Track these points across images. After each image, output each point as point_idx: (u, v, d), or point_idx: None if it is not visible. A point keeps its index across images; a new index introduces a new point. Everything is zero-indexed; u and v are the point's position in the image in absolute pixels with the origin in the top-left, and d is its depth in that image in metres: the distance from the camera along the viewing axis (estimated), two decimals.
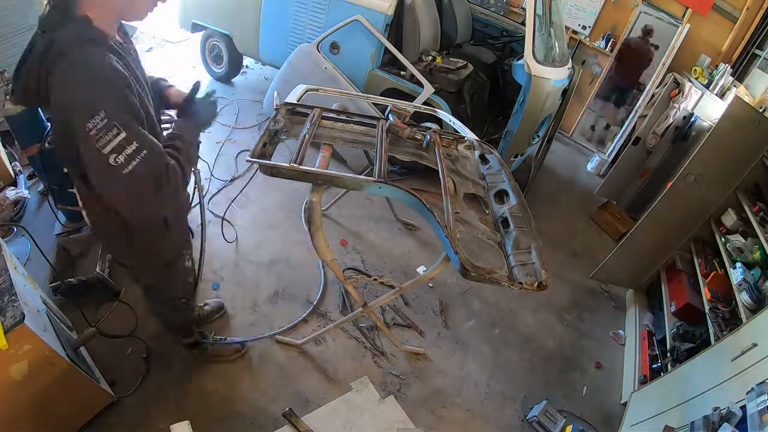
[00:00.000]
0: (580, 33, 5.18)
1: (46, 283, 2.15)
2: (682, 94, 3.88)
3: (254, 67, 5.10)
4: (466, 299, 2.90)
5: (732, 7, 4.47)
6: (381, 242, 3.15)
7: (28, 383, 1.43)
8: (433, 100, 3.38)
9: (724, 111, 2.74)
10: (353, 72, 3.59)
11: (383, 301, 2.16)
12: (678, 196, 2.79)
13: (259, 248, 2.82)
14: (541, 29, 3.28)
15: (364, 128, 2.01)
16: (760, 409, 1.49)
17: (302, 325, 2.45)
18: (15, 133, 2.33)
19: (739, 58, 4.50)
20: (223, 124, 3.99)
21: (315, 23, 3.69)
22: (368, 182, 1.61)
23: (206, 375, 2.10)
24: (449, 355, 2.53)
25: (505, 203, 1.74)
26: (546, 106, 3.39)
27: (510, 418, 2.32)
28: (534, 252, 1.51)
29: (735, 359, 1.81)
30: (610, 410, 2.50)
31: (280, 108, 1.94)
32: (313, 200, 1.66)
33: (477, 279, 1.41)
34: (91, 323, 2.07)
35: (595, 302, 3.26)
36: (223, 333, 2.29)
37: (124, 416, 1.86)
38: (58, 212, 2.54)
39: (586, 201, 4.42)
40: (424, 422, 2.17)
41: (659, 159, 3.95)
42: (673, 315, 2.66)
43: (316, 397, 2.14)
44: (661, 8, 4.82)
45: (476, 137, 2.14)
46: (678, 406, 1.96)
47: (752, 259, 2.40)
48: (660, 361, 2.54)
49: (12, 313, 1.33)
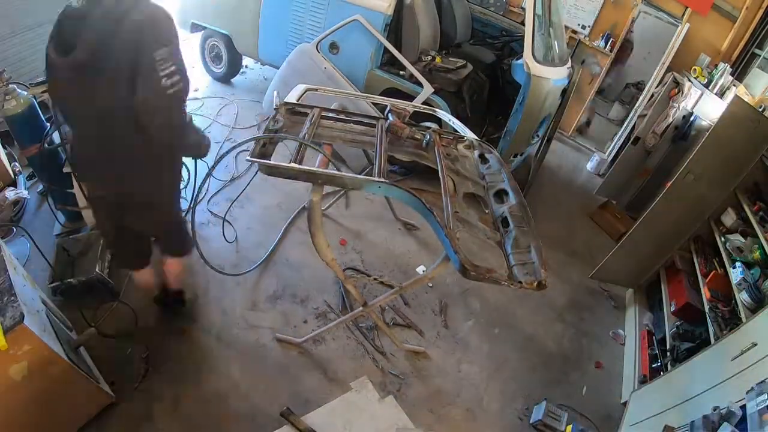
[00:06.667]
0: (580, 32, 5.18)
1: (46, 284, 2.15)
2: (681, 94, 3.88)
3: (254, 67, 5.10)
4: (465, 299, 2.90)
5: (731, 7, 4.48)
6: (381, 242, 3.14)
7: (27, 383, 1.43)
8: (432, 99, 3.38)
9: (724, 110, 2.74)
10: (353, 72, 3.59)
11: (383, 301, 2.16)
12: (677, 195, 2.79)
13: (259, 248, 2.82)
14: (541, 29, 3.29)
15: (364, 128, 2.01)
16: (759, 408, 1.49)
17: (302, 324, 2.45)
18: (15, 133, 2.33)
19: (739, 57, 4.51)
20: (222, 124, 3.99)
21: (314, 23, 3.69)
22: (368, 182, 1.61)
23: (206, 375, 2.10)
24: (449, 355, 2.53)
25: (505, 203, 1.74)
26: (545, 105, 3.39)
27: (510, 418, 2.32)
28: (533, 251, 1.51)
29: (735, 359, 1.81)
30: (610, 410, 2.50)
31: (280, 108, 1.94)
32: (313, 200, 1.66)
33: (477, 278, 1.41)
34: (90, 323, 2.07)
35: (595, 302, 3.26)
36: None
37: (124, 416, 1.86)
38: (58, 212, 2.55)
39: (586, 201, 4.42)
40: (424, 422, 2.17)
41: (659, 158, 3.96)
42: (673, 314, 2.66)
43: (316, 396, 2.14)
44: (660, 8, 4.83)
45: (476, 137, 2.14)
46: (678, 406, 1.96)
47: (752, 258, 2.40)
48: (660, 360, 2.54)
49: (11, 314, 1.33)
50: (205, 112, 4.10)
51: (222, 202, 3.08)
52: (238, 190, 3.03)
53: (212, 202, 3.08)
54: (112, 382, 1.92)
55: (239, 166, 3.43)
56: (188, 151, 1.75)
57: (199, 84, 4.56)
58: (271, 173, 1.58)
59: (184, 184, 2.46)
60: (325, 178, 1.61)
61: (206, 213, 2.97)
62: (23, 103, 2.18)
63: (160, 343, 2.15)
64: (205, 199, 3.03)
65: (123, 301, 2.25)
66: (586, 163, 5.19)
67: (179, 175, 1.83)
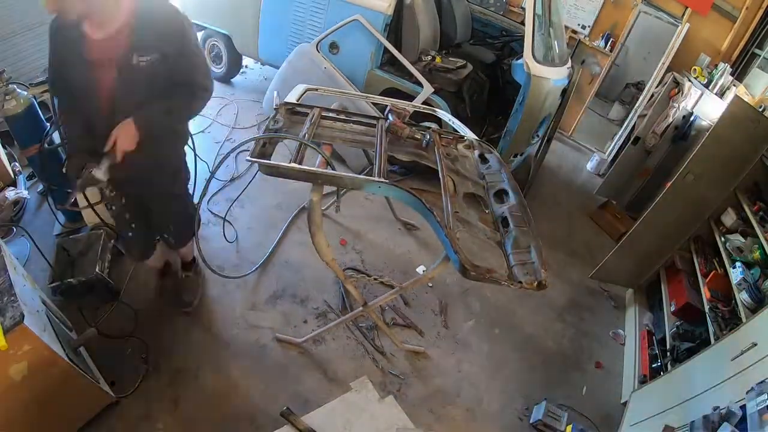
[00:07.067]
0: (580, 32, 5.18)
1: (46, 284, 2.14)
2: (681, 94, 3.88)
3: (254, 67, 5.10)
4: (465, 299, 2.90)
5: (731, 7, 4.48)
6: (381, 242, 3.14)
7: (27, 383, 1.43)
8: (432, 99, 3.38)
9: (724, 110, 2.74)
10: (352, 72, 3.59)
11: (383, 301, 2.16)
12: (678, 195, 2.78)
13: (259, 248, 2.82)
14: (541, 29, 3.29)
15: (364, 128, 2.01)
16: (759, 408, 1.49)
17: (302, 324, 2.45)
18: (15, 133, 2.33)
19: (739, 57, 4.51)
20: (222, 124, 3.99)
21: (314, 23, 3.69)
22: (368, 182, 1.61)
23: (206, 375, 2.10)
24: (449, 355, 2.53)
25: (505, 203, 1.74)
26: (545, 105, 3.39)
27: (510, 418, 2.32)
28: (533, 251, 1.51)
29: (735, 359, 1.81)
30: (610, 410, 2.50)
31: (280, 108, 1.94)
32: (313, 200, 1.66)
33: (477, 278, 1.41)
34: (90, 323, 2.07)
35: (595, 302, 3.26)
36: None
37: (124, 416, 1.86)
38: (58, 212, 2.55)
39: (586, 201, 4.42)
40: (424, 422, 2.17)
41: (659, 158, 3.96)
42: (673, 314, 2.66)
43: (316, 396, 2.14)
44: (660, 8, 4.83)
45: (476, 137, 2.14)
46: (678, 406, 1.96)
47: (752, 258, 2.40)
48: (660, 360, 2.54)
49: (11, 314, 1.33)
50: (205, 112, 4.08)
51: (222, 202, 3.08)
52: (238, 190, 3.03)
53: (212, 202, 3.08)
54: (112, 382, 1.92)
55: (239, 166, 3.43)
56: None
57: None
58: (271, 173, 1.58)
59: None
60: (325, 178, 1.61)
61: (206, 213, 2.97)
62: (23, 103, 2.18)
63: (160, 343, 2.15)
64: (205, 198, 3.03)
65: (123, 301, 2.25)
66: (586, 163, 5.19)
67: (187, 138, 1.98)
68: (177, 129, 1.84)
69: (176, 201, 2.04)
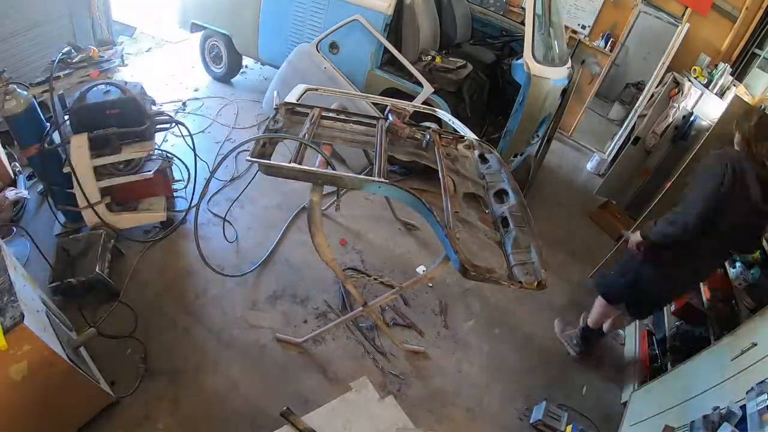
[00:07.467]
0: (580, 32, 5.18)
1: (46, 284, 2.14)
2: (681, 94, 3.88)
3: (254, 67, 5.10)
4: (465, 299, 2.90)
5: (731, 7, 4.48)
6: (381, 242, 3.14)
7: (27, 384, 1.43)
8: (432, 99, 3.38)
9: (724, 110, 2.74)
10: (352, 72, 3.59)
11: (383, 301, 2.16)
12: (678, 195, 2.78)
13: (259, 248, 2.82)
14: (541, 29, 3.29)
15: (364, 128, 2.01)
16: (759, 408, 1.49)
17: (302, 324, 2.45)
18: (15, 133, 2.32)
19: (739, 57, 4.51)
20: (222, 124, 3.99)
21: (314, 23, 3.69)
22: (368, 182, 1.61)
23: (206, 375, 2.10)
24: (449, 355, 2.53)
25: (505, 203, 1.75)
26: (545, 105, 3.39)
27: (510, 418, 2.32)
28: (533, 251, 1.52)
29: (735, 359, 1.81)
30: (610, 410, 2.50)
31: (280, 108, 1.94)
32: (313, 200, 1.66)
33: (477, 278, 1.41)
34: (90, 323, 2.07)
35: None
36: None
37: (124, 416, 1.86)
38: (58, 212, 2.55)
39: (586, 201, 4.42)
40: (424, 422, 2.17)
41: (659, 158, 3.96)
42: (673, 314, 2.65)
43: (316, 396, 2.14)
44: (660, 8, 4.83)
45: (476, 137, 2.15)
46: (678, 406, 1.96)
47: (752, 258, 2.39)
48: (660, 360, 2.54)
49: (11, 314, 1.33)
50: (205, 112, 4.10)
51: (222, 202, 3.08)
52: (238, 190, 3.03)
53: (212, 202, 3.08)
54: (112, 382, 1.92)
55: (239, 166, 3.43)
56: None
57: (199, 84, 4.56)
58: (271, 173, 1.59)
59: (183, 184, 2.50)
60: (325, 178, 1.61)
61: (206, 213, 2.97)
62: (23, 103, 2.18)
63: (160, 343, 2.15)
64: (205, 199, 3.03)
65: (123, 301, 2.25)
66: (586, 163, 5.18)
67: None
68: None
69: None
